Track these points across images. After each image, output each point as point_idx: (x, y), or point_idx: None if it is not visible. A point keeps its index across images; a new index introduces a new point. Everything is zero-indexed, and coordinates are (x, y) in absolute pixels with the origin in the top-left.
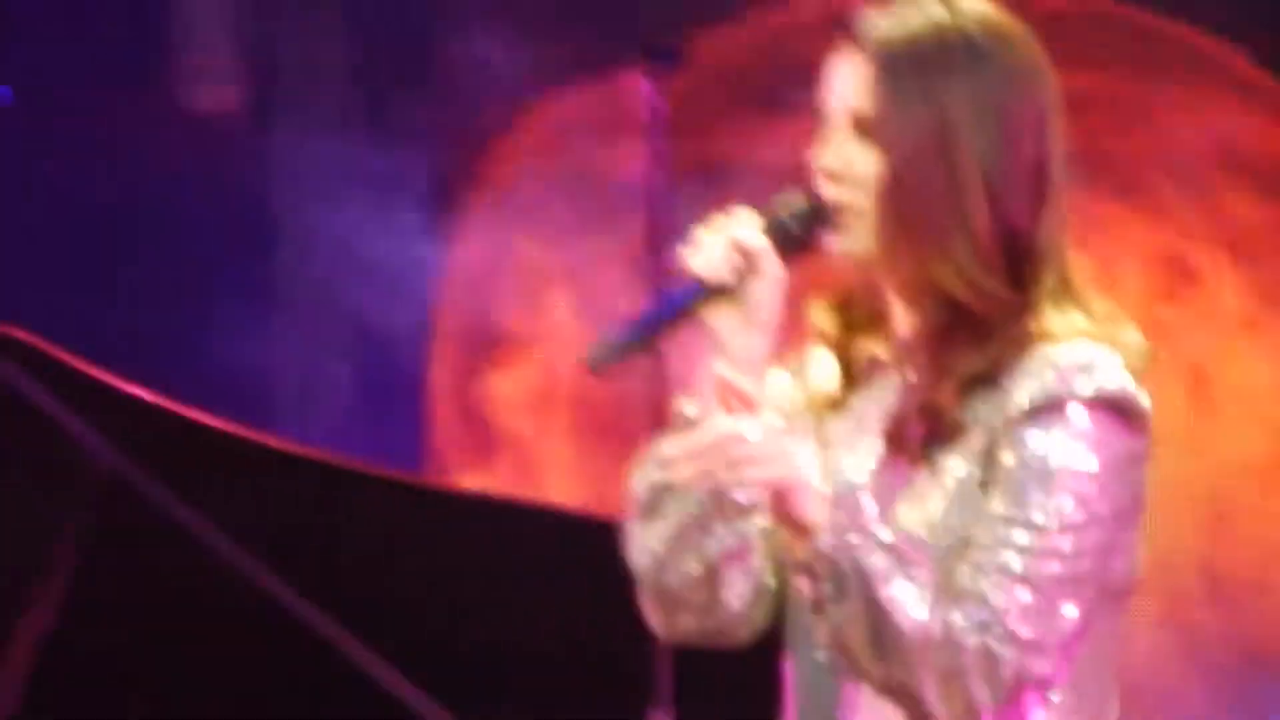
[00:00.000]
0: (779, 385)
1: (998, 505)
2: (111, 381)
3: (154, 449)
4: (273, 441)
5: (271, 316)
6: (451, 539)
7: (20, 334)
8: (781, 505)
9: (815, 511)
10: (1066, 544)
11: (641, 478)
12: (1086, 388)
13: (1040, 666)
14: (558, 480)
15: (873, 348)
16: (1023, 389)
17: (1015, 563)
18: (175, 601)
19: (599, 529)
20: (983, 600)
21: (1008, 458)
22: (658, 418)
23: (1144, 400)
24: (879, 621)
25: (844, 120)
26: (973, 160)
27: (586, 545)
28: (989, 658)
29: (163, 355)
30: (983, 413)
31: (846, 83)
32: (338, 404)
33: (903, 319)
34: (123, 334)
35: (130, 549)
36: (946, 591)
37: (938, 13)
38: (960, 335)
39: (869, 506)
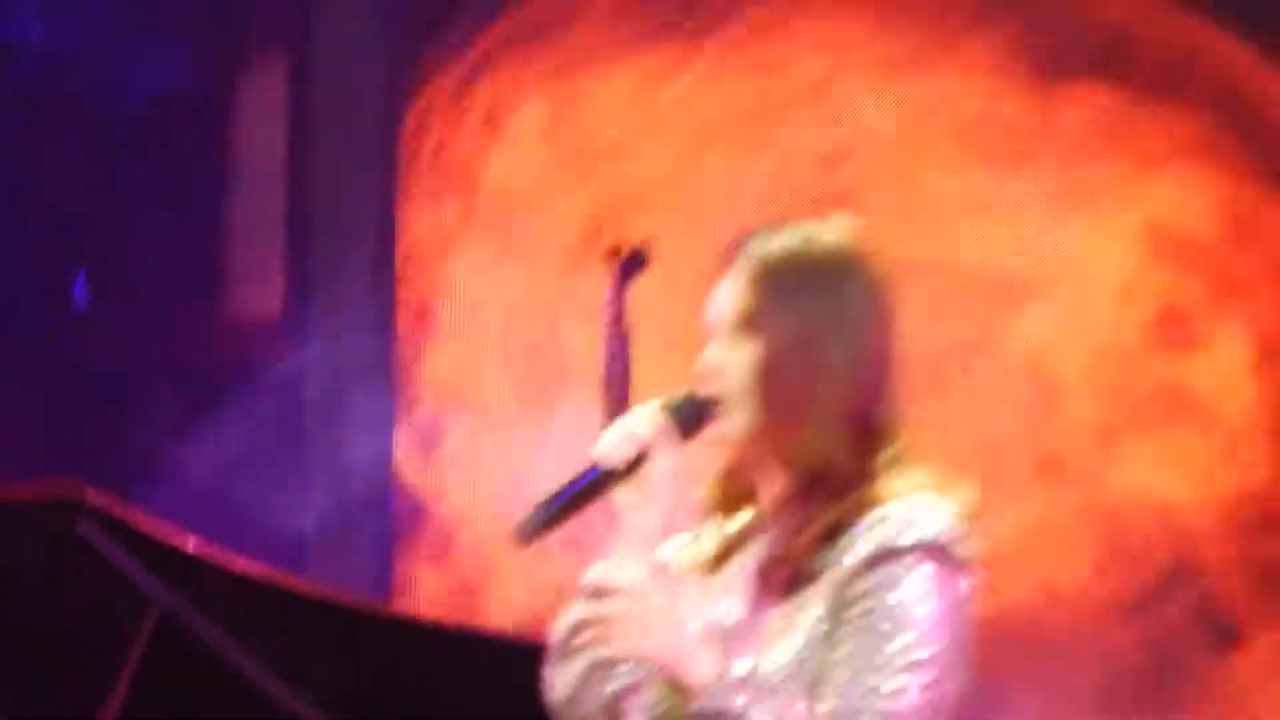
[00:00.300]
0: (676, 548)
1: (852, 647)
2: (166, 533)
3: (200, 588)
4: (301, 583)
5: (305, 485)
6: (449, 669)
7: (91, 494)
8: (664, 670)
9: (695, 674)
10: (912, 681)
11: (556, 627)
12: (919, 538)
13: None
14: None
15: (749, 513)
16: (866, 540)
17: (872, 701)
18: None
19: None
20: None
21: (857, 603)
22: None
23: (970, 546)
24: None
25: (729, 322)
26: (833, 355)
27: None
28: None
29: (213, 515)
30: (835, 560)
31: (733, 291)
32: (360, 551)
33: (772, 485)
34: (172, 494)
35: (178, 675)
36: None
37: (811, 236)
38: (817, 495)
39: (744, 658)
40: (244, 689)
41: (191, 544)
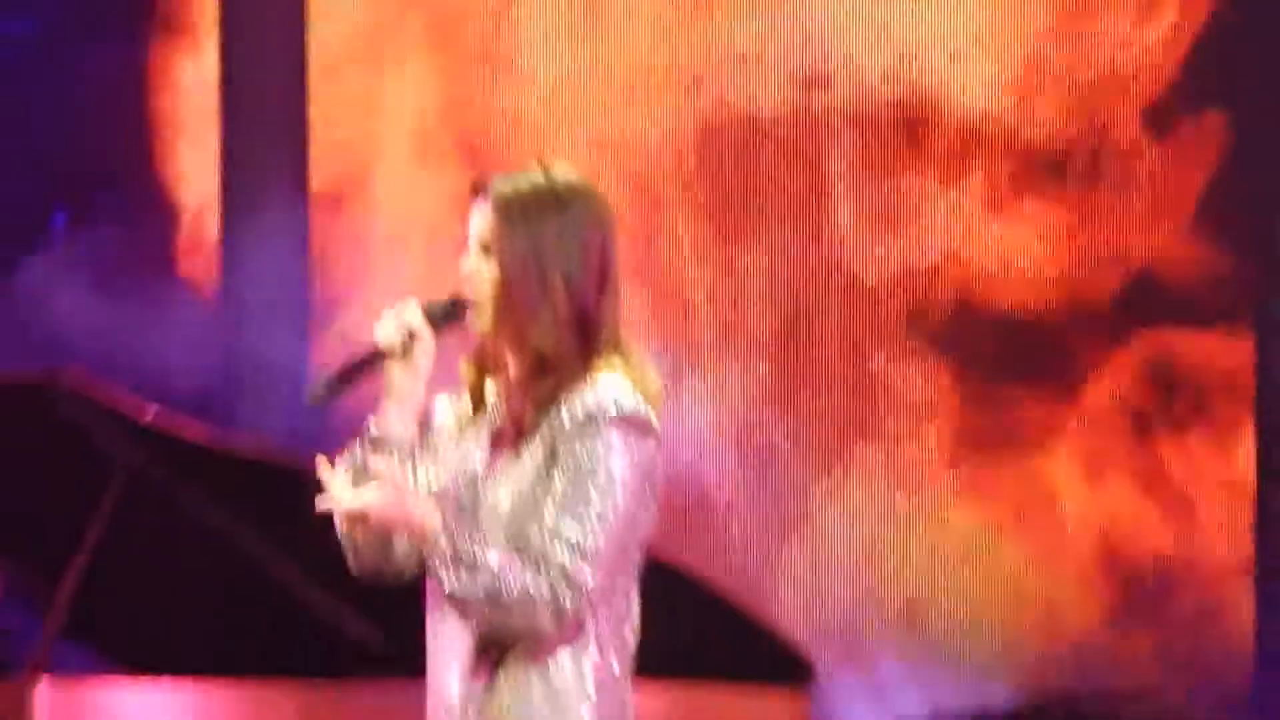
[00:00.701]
0: (443, 408)
1: (558, 490)
2: (134, 404)
3: (162, 449)
4: (239, 442)
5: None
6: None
7: (69, 373)
8: (400, 525)
9: (426, 530)
10: (604, 524)
11: (335, 475)
12: (613, 410)
13: (587, 603)
14: None
15: (494, 385)
16: (573, 408)
17: (572, 535)
18: (174, 548)
19: None
20: (551, 561)
21: (564, 457)
22: None
23: (653, 419)
24: (486, 586)
25: (476, 245)
26: (556, 268)
27: None
28: (557, 601)
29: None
30: (551, 423)
31: (478, 221)
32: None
33: (510, 366)
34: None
35: (146, 515)
36: (525, 552)
37: (537, 177)
38: (541, 373)
39: (480, 496)
40: (202, 535)
41: (156, 415)
